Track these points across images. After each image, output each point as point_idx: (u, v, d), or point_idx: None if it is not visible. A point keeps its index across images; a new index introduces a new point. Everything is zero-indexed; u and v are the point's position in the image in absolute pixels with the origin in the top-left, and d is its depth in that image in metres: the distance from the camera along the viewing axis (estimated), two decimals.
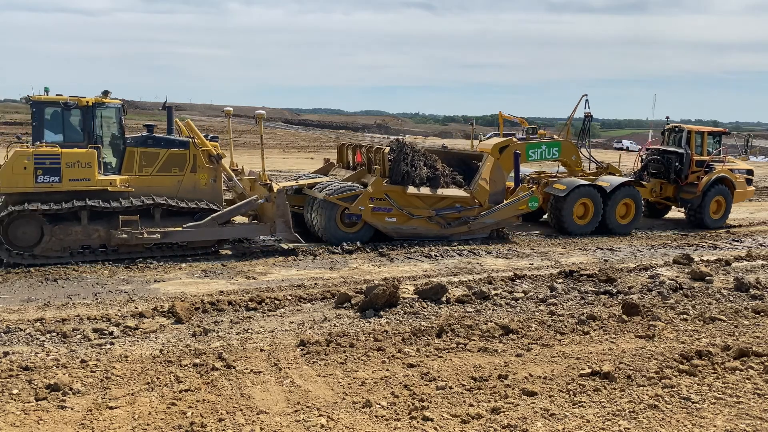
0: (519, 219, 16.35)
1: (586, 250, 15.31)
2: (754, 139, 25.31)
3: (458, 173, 16.00)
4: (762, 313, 9.99)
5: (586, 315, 9.50)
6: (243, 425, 5.96)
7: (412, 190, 14.68)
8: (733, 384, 7.12)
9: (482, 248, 14.76)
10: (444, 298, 10.30)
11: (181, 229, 12.52)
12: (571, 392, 6.83)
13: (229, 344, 8.09)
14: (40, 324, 8.58)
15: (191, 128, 13.70)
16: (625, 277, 12.37)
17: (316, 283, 11.30)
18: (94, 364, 7.26)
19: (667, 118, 22.33)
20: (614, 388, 6.94)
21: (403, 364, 7.56)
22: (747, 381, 7.23)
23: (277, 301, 9.95)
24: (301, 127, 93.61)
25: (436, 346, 8.16)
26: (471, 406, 6.46)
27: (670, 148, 19.84)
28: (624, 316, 9.60)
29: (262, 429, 5.91)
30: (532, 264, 13.55)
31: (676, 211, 20.71)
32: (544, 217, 18.64)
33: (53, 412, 6.12)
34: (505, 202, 15.89)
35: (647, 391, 6.89)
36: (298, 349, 7.95)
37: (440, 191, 15.07)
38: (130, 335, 8.36)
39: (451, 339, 8.43)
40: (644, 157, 20.68)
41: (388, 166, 14.78)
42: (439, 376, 7.18)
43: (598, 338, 8.71)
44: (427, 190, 14.91)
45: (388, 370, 7.36)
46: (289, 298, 10.19)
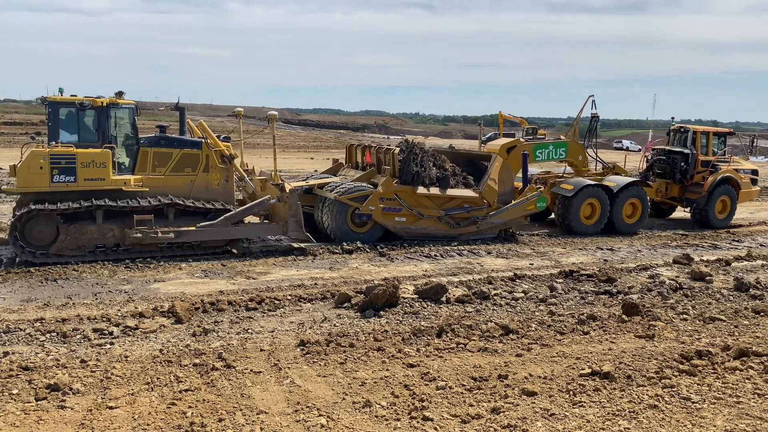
0: (527, 219, 16.41)
1: (586, 250, 15.31)
2: (743, 139, 25.37)
3: (467, 173, 16.11)
4: (762, 313, 10.00)
5: (586, 315, 9.50)
6: (243, 425, 5.96)
7: (421, 190, 14.79)
8: (733, 384, 7.12)
9: (482, 248, 14.76)
10: (444, 298, 10.30)
11: (194, 228, 12.65)
12: (571, 392, 6.83)
13: (229, 344, 8.09)
14: (40, 324, 8.58)
15: (204, 129, 13.80)
16: (625, 277, 12.38)
17: (316, 283, 11.30)
18: (94, 364, 7.26)
19: (672, 118, 22.43)
20: (614, 388, 6.94)
21: (403, 364, 7.56)
22: (747, 381, 7.23)
23: (277, 301, 9.95)
24: (300, 127, 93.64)
25: (436, 346, 8.16)
26: (471, 406, 6.46)
27: (676, 149, 19.92)
28: (624, 316, 9.60)
29: (262, 429, 5.91)
30: (532, 264, 13.56)
31: (682, 211, 20.77)
32: (551, 216, 18.68)
33: (53, 412, 6.12)
34: (514, 202, 15.96)
35: (647, 391, 6.89)
36: (298, 349, 7.95)
37: (449, 191, 15.17)
38: (130, 335, 8.36)
39: (451, 339, 8.43)
40: (649, 158, 20.73)
41: (398, 167, 14.87)
42: (439, 376, 7.18)
43: (598, 338, 8.71)
44: (436, 191, 15.01)
45: (388, 370, 7.36)
46: (289, 298, 10.19)
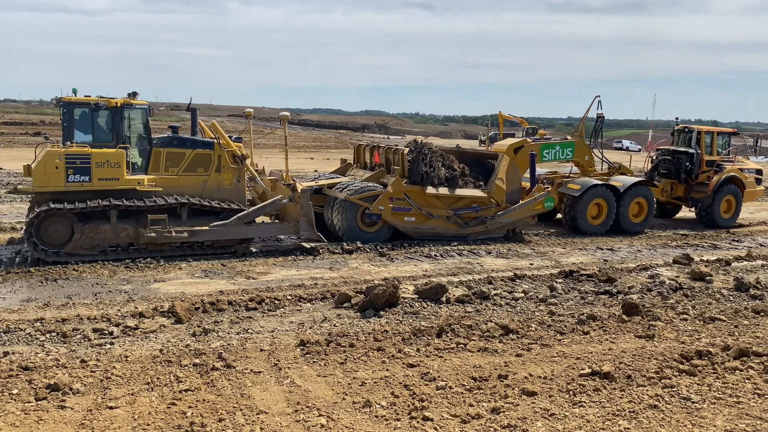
0: (534, 219, 16.48)
1: (586, 250, 15.31)
2: (747, 139, 25.41)
3: (477, 173, 16.22)
4: (762, 313, 10.00)
5: (586, 315, 9.50)
6: (243, 425, 5.96)
7: (430, 190, 14.89)
8: (733, 384, 7.12)
9: (482, 248, 14.77)
10: (444, 298, 10.30)
11: (207, 228, 12.77)
12: (571, 392, 6.83)
13: (229, 344, 8.09)
14: (40, 324, 8.57)
15: (216, 129, 13.89)
16: (625, 277, 12.38)
17: (316, 283, 11.30)
18: (94, 364, 7.26)
19: (677, 119, 22.48)
20: (614, 388, 6.94)
21: (403, 364, 7.56)
22: (747, 381, 7.23)
23: (277, 301, 9.95)
24: (300, 127, 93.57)
25: (436, 346, 8.16)
26: (471, 406, 6.46)
27: (681, 149, 20.00)
28: (624, 316, 9.60)
29: (262, 429, 5.91)
30: (532, 264, 13.56)
31: (687, 211, 20.81)
32: (557, 216, 18.72)
33: (53, 412, 6.12)
34: (522, 201, 16.04)
35: (647, 391, 6.89)
36: (298, 349, 7.95)
37: (458, 191, 15.28)
38: (130, 335, 8.35)
39: (451, 339, 8.43)
40: (654, 158, 20.78)
41: (407, 167, 14.97)
42: (439, 376, 7.18)
43: (598, 338, 8.71)
44: (445, 191, 15.12)
45: (388, 370, 7.36)
46: (289, 298, 10.19)
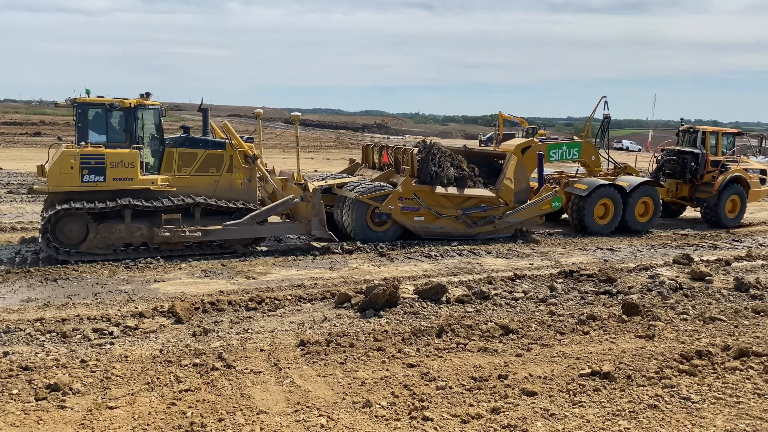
0: (542, 218, 16.59)
1: (586, 250, 15.31)
2: (752, 139, 25.49)
3: (486, 173, 16.34)
4: (762, 313, 10.00)
5: (586, 315, 9.50)
6: (243, 425, 5.96)
7: (439, 190, 15.00)
8: (733, 384, 7.12)
9: (482, 248, 14.77)
10: (444, 298, 10.30)
11: (221, 227, 12.89)
12: (571, 392, 6.83)
13: (229, 344, 8.08)
14: (40, 324, 8.57)
15: (228, 129, 13.97)
16: (625, 277, 12.38)
17: (316, 283, 11.30)
18: (94, 364, 7.25)
19: (682, 119, 22.57)
20: (614, 388, 6.94)
21: (403, 364, 7.56)
22: (747, 381, 7.23)
23: (277, 301, 9.95)
24: (300, 127, 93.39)
25: (436, 346, 8.16)
26: (471, 406, 6.45)
27: (686, 149, 20.07)
28: (624, 316, 9.60)
29: (262, 429, 5.90)
30: (532, 264, 13.56)
31: (692, 212, 20.86)
32: (564, 216, 18.77)
33: (53, 412, 6.11)
34: (530, 201, 16.15)
35: (647, 391, 6.89)
36: (298, 349, 7.95)
37: (467, 191, 15.39)
38: (130, 335, 8.35)
39: (451, 339, 8.43)
40: (659, 158, 20.84)
41: (416, 167, 15.08)
42: (439, 376, 7.18)
43: (598, 338, 8.71)
44: (454, 190, 15.23)
45: (388, 370, 7.36)
46: (289, 298, 10.19)
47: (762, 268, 13.65)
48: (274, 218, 14.70)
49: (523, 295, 10.72)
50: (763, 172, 20.78)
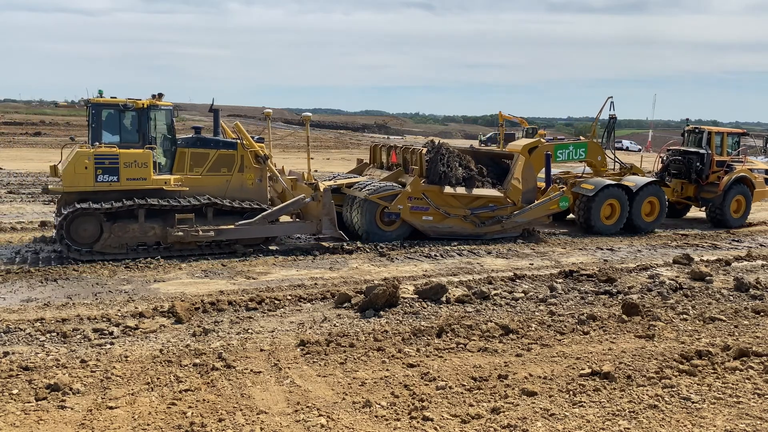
0: (549, 218, 16.64)
1: (586, 250, 15.32)
2: (756, 140, 25.55)
3: (490, 173, 16.42)
4: (762, 313, 10.00)
5: (586, 315, 9.50)
6: (243, 425, 5.97)
7: (448, 189, 15.08)
8: (733, 384, 7.12)
9: (482, 248, 14.77)
10: (444, 298, 10.30)
11: (233, 227, 12.98)
12: (571, 392, 6.83)
13: (229, 344, 8.09)
14: (40, 324, 8.57)
15: (239, 130, 14.03)
16: (625, 277, 12.38)
17: (316, 283, 11.31)
18: (94, 364, 7.26)
19: (687, 120, 22.64)
20: (614, 388, 6.94)
21: (403, 364, 7.56)
22: (747, 381, 7.23)
23: (277, 301, 9.95)
24: (301, 127, 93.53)
25: (436, 346, 8.16)
26: (471, 406, 6.46)
27: (691, 149, 20.14)
28: (624, 316, 9.60)
29: (262, 429, 5.91)
30: (532, 264, 13.56)
31: (692, 211, 20.90)
32: (570, 216, 18.81)
33: (53, 412, 6.12)
34: (537, 201, 16.18)
35: (647, 391, 6.89)
36: (298, 349, 7.95)
37: (475, 191, 15.47)
38: (130, 335, 8.36)
39: (451, 339, 8.43)
40: (665, 158, 20.90)
41: (425, 167, 15.16)
42: (439, 376, 7.18)
43: (598, 338, 8.71)
44: (462, 190, 15.31)
45: (388, 370, 7.36)
46: (289, 298, 10.19)
47: (762, 268, 13.65)
48: (284, 218, 14.75)
49: (523, 295, 10.73)
50: (767, 172, 20.86)
